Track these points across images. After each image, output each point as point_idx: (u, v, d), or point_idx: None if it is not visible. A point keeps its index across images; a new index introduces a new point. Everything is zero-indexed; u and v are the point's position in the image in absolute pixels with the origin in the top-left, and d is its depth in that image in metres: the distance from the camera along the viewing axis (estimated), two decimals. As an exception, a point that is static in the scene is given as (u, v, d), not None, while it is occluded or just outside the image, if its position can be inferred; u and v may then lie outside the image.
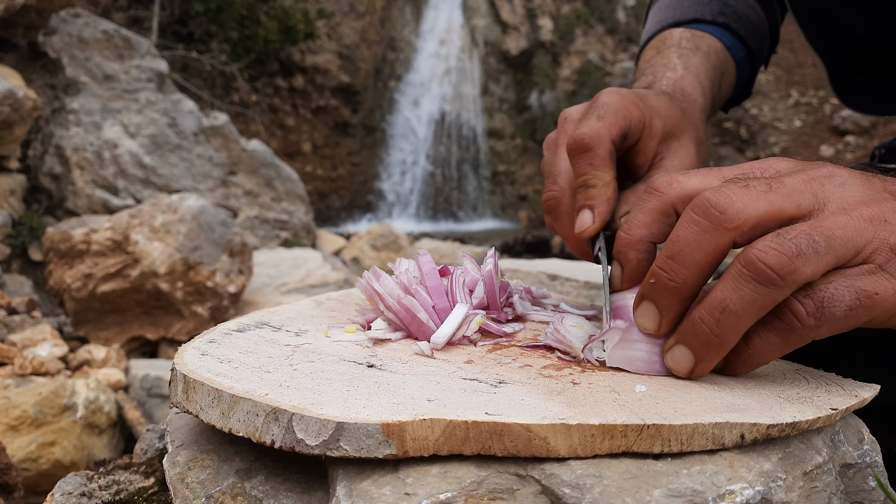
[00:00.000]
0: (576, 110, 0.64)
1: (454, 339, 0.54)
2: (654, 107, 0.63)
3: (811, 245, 0.42)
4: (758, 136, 9.67)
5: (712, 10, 0.85)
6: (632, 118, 0.60)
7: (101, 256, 3.21)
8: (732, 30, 0.85)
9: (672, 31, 0.83)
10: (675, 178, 0.48)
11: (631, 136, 0.61)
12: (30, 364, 2.71)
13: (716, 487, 0.38)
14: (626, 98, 0.61)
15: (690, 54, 0.78)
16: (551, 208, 0.62)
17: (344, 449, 0.39)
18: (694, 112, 0.69)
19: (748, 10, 0.88)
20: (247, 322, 0.58)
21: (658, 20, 0.88)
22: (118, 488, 0.55)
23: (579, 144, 0.57)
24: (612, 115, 0.59)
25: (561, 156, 0.62)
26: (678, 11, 0.86)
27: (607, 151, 0.57)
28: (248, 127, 8.75)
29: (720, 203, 0.44)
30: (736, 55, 0.85)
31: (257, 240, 5.33)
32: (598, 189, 0.57)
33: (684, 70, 0.75)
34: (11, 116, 4.34)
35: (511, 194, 10.86)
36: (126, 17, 7.91)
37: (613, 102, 0.60)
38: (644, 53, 0.85)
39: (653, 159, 0.64)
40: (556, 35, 10.93)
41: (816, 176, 0.45)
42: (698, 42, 0.80)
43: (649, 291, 0.47)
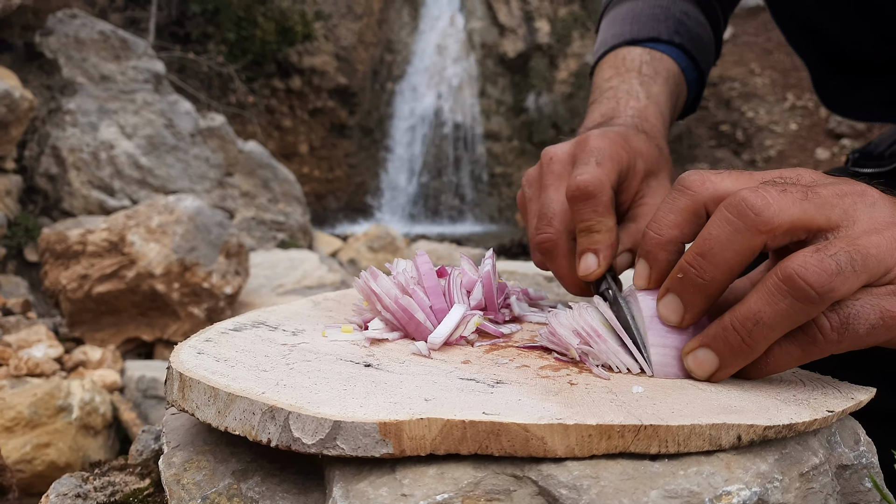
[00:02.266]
0: (562, 152, 0.65)
1: (451, 339, 0.54)
2: (636, 148, 0.66)
3: (850, 263, 0.42)
4: (754, 139, 9.70)
5: (668, 28, 0.86)
6: (622, 162, 0.62)
7: (97, 257, 3.20)
8: (686, 50, 0.86)
9: (631, 51, 0.84)
10: (708, 177, 0.48)
11: (621, 178, 0.63)
12: (25, 365, 2.70)
13: (712, 488, 0.38)
14: (615, 142, 0.63)
15: (651, 81, 0.80)
16: (547, 250, 0.62)
17: (341, 448, 0.39)
18: (665, 147, 0.72)
19: (699, 27, 0.90)
20: (243, 321, 0.58)
21: (614, 33, 0.88)
22: (113, 490, 0.55)
23: (583, 192, 0.58)
24: (608, 160, 0.61)
25: (552, 197, 0.63)
26: (635, 27, 0.87)
27: (609, 198, 0.59)
28: (245, 128, 8.74)
29: (756, 204, 0.44)
30: (689, 77, 0.87)
31: (254, 241, 5.32)
32: (603, 235, 0.59)
33: (647, 100, 0.77)
34: (7, 117, 4.32)
35: (508, 196, 10.86)
36: (123, 17, 7.90)
37: (606, 147, 0.62)
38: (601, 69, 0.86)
39: (634, 196, 0.66)
40: (553, 38, 10.95)
41: (849, 192, 0.46)
42: (658, 66, 0.82)
43: (676, 285, 0.47)
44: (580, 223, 0.59)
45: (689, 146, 9.79)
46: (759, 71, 10.05)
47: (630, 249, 0.62)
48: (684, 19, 0.88)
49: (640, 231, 0.62)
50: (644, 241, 0.50)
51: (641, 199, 0.66)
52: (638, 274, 0.51)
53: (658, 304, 0.49)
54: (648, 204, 0.65)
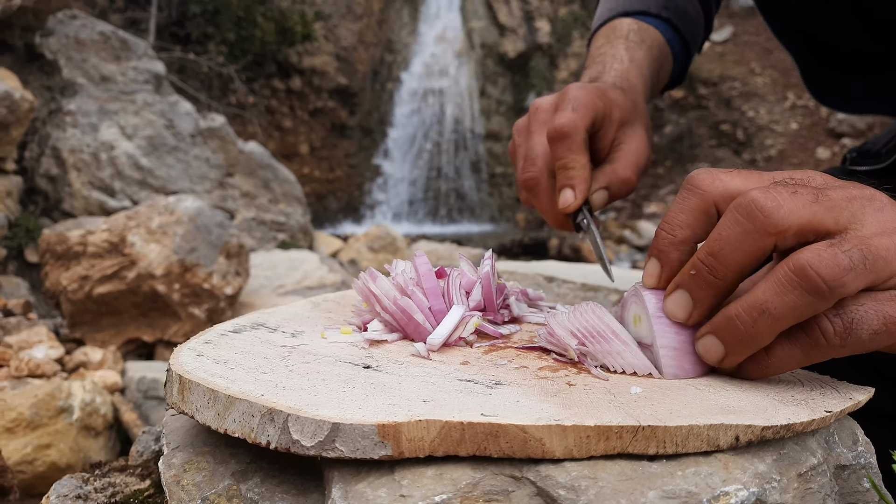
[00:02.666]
0: (546, 101, 0.74)
1: (450, 340, 0.55)
2: (612, 99, 0.73)
3: (863, 261, 0.42)
4: (754, 138, 9.70)
5: (657, 3, 0.93)
6: (598, 110, 0.70)
7: (98, 258, 3.20)
8: (673, 24, 0.93)
9: (621, 21, 0.91)
10: (717, 175, 0.49)
11: (596, 124, 0.71)
12: (26, 366, 2.70)
13: (710, 489, 0.38)
14: (592, 92, 0.71)
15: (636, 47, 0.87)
16: (531, 187, 0.72)
17: (339, 450, 0.39)
18: (641, 102, 0.79)
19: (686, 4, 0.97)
20: (243, 323, 0.58)
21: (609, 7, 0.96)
22: (114, 490, 0.55)
23: (559, 132, 0.67)
24: (583, 107, 0.68)
25: (536, 141, 0.72)
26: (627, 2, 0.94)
27: (582, 138, 0.67)
28: (246, 129, 8.75)
29: (767, 206, 0.44)
30: (674, 48, 0.93)
31: (254, 241, 5.32)
32: (577, 171, 0.67)
33: (630, 62, 0.84)
34: (8, 118, 4.33)
35: (508, 196, 10.86)
36: (123, 18, 7.91)
37: (582, 96, 0.69)
38: (595, 39, 0.93)
39: (611, 143, 0.74)
40: (553, 37, 10.95)
41: (858, 196, 0.46)
42: (644, 35, 0.89)
43: (687, 282, 0.48)
44: (557, 161, 0.67)
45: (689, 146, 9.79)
46: (760, 70, 10.05)
47: (606, 187, 0.70)
48: None
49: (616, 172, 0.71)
50: (656, 239, 0.51)
51: (618, 146, 0.73)
52: (648, 272, 0.51)
53: (667, 300, 0.49)
54: (624, 149, 0.73)
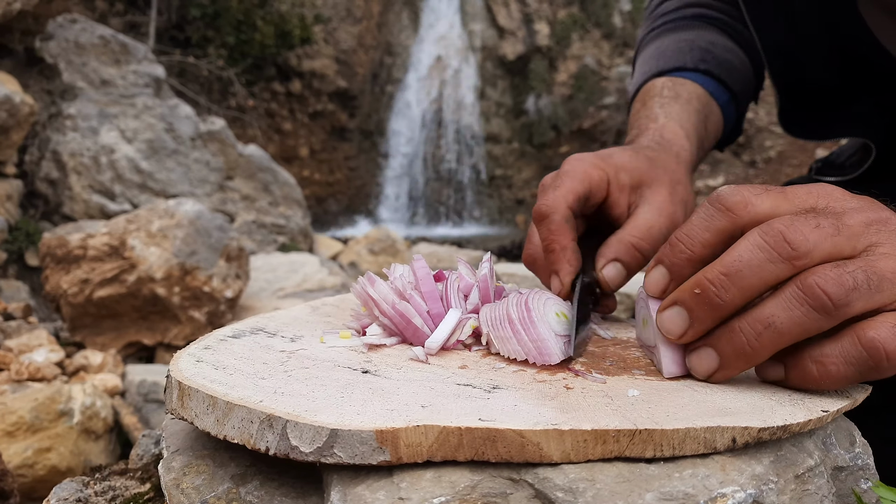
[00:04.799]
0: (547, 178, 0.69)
1: (448, 344, 0.55)
2: (617, 163, 0.68)
3: (867, 282, 0.44)
4: (754, 139, 9.71)
5: (693, 58, 0.89)
6: (591, 180, 0.65)
7: (98, 262, 3.20)
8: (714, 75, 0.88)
9: (655, 82, 0.87)
10: (749, 199, 0.48)
11: (595, 194, 0.66)
12: (26, 370, 2.70)
13: (708, 491, 0.38)
14: (587, 162, 0.66)
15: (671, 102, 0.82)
16: (530, 264, 0.69)
17: (338, 456, 0.39)
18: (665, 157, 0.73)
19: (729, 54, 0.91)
20: (242, 328, 0.59)
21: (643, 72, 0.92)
22: (114, 494, 0.55)
23: (537, 214, 0.63)
24: (569, 181, 0.64)
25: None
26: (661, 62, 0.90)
27: (562, 217, 0.62)
28: (245, 132, 8.75)
29: (795, 239, 0.45)
30: (719, 99, 0.88)
31: (254, 244, 5.32)
32: (557, 253, 0.62)
33: (665, 119, 0.79)
34: (8, 122, 4.33)
35: (508, 198, 10.87)
36: (123, 22, 7.92)
37: (573, 169, 0.65)
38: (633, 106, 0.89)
39: (627, 209, 0.68)
40: (552, 40, 10.96)
41: (875, 220, 0.47)
42: (679, 89, 0.84)
43: (688, 299, 0.47)
44: (542, 244, 0.64)
45: (688, 147, 9.78)
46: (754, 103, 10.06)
47: (616, 259, 0.64)
48: (710, 48, 0.90)
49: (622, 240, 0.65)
50: (671, 250, 0.49)
51: (635, 210, 0.67)
52: (653, 280, 0.50)
53: (662, 314, 0.48)
54: (636, 213, 0.67)
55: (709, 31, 0.93)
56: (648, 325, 0.52)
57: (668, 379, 0.49)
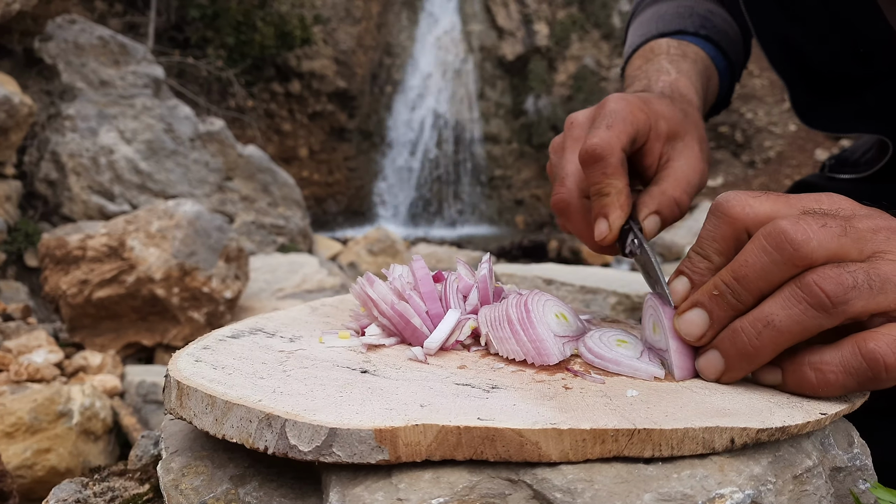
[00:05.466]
0: (582, 116, 0.66)
1: (447, 344, 0.55)
2: (657, 110, 0.66)
3: (867, 282, 0.44)
4: (753, 140, 9.71)
5: (694, 23, 0.88)
6: (638, 123, 0.62)
7: (97, 262, 3.20)
8: (714, 41, 0.88)
9: (658, 41, 0.86)
10: (747, 201, 0.49)
11: (638, 139, 0.63)
12: (25, 370, 2.70)
13: (706, 491, 0.38)
14: (632, 104, 0.63)
15: (680, 59, 0.81)
16: (561, 210, 0.64)
17: (337, 455, 0.39)
18: (693, 112, 0.72)
19: (725, 24, 0.92)
20: (241, 328, 0.59)
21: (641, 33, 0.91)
22: (113, 495, 0.55)
23: (591, 155, 0.59)
24: (620, 122, 0.61)
25: (568, 158, 0.65)
26: (661, 24, 0.89)
27: (618, 160, 0.59)
28: (245, 132, 8.75)
29: (796, 238, 0.45)
30: (718, 65, 0.88)
31: (254, 245, 5.32)
32: (612, 197, 0.59)
33: (677, 73, 0.78)
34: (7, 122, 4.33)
35: (508, 199, 10.87)
36: (122, 22, 7.91)
37: (620, 109, 0.62)
38: (631, 63, 0.87)
39: (659, 159, 0.66)
40: (551, 40, 10.96)
41: (884, 227, 0.47)
42: (685, 49, 0.84)
43: (708, 301, 0.48)
44: (592, 186, 0.60)
45: (688, 147, 9.78)
46: (758, 72, 10.06)
47: (656, 211, 0.62)
48: (709, 16, 0.90)
49: (665, 193, 0.63)
50: (690, 262, 0.51)
51: (667, 162, 0.66)
52: (676, 290, 0.51)
53: (682, 317, 0.49)
54: (674, 166, 0.65)
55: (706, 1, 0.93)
56: (659, 329, 0.52)
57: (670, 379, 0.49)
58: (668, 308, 0.52)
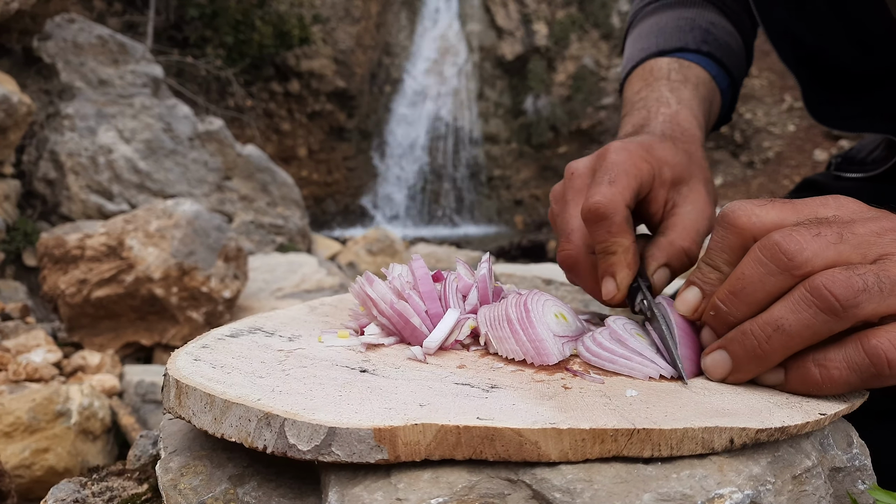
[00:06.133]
0: (582, 166, 0.64)
1: (447, 343, 0.55)
2: (661, 157, 0.64)
3: (877, 284, 0.44)
4: (752, 140, 9.72)
5: (695, 38, 0.85)
6: (642, 176, 0.61)
7: (96, 262, 3.20)
8: (716, 58, 0.85)
9: (658, 61, 0.83)
10: (753, 211, 0.49)
11: (642, 192, 0.62)
12: (23, 370, 2.69)
13: (705, 491, 0.38)
14: (634, 154, 0.62)
15: (681, 87, 0.78)
16: (569, 267, 0.63)
17: (336, 454, 0.39)
18: (697, 151, 0.70)
19: (727, 36, 0.89)
20: (240, 327, 0.58)
21: (641, 48, 0.88)
22: (111, 495, 0.55)
23: (595, 213, 0.57)
24: (623, 176, 0.59)
25: (571, 213, 0.63)
26: (661, 39, 0.86)
27: (623, 217, 0.58)
28: (244, 132, 8.75)
29: (789, 249, 0.45)
30: (720, 84, 0.85)
31: (252, 245, 5.32)
32: (618, 256, 0.58)
33: (678, 105, 0.76)
34: (6, 122, 4.33)
35: (507, 199, 10.87)
36: (121, 22, 7.91)
37: (622, 161, 0.60)
38: (630, 84, 0.85)
39: (664, 206, 0.64)
40: (550, 40, 10.97)
41: (889, 229, 0.47)
42: (687, 73, 0.81)
43: (710, 321, 0.50)
44: (597, 245, 0.59)
45: (687, 148, 9.79)
46: (757, 73, 10.07)
47: (666, 264, 0.61)
48: (711, 28, 0.87)
49: (673, 244, 0.61)
50: (702, 274, 0.51)
51: (673, 210, 0.64)
52: (686, 300, 0.51)
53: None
54: (680, 213, 0.63)
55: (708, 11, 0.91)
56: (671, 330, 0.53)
57: (669, 380, 0.49)
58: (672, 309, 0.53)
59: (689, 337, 0.51)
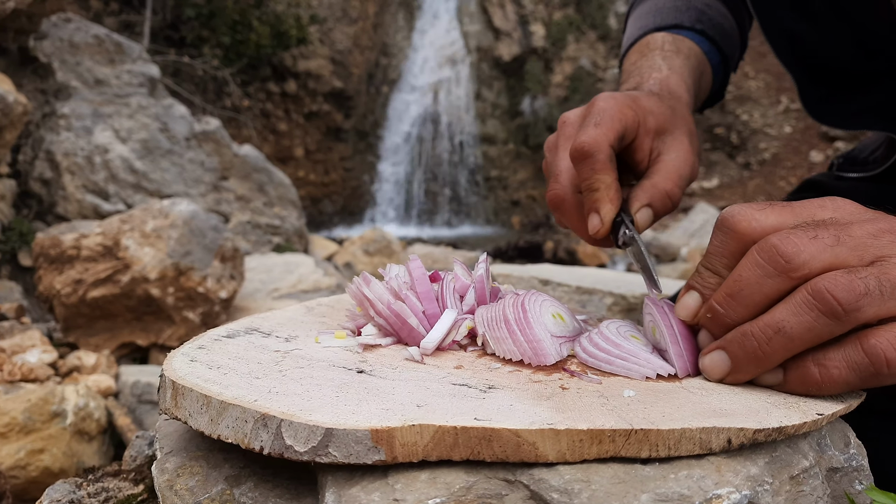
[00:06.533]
0: (573, 114, 0.69)
1: (444, 344, 0.55)
2: (645, 107, 0.68)
3: (879, 288, 0.44)
4: (748, 141, 9.74)
5: (690, 17, 0.90)
6: (626, 120, 0.65)
7: (92, 262, 3.19)
8: (709, 36, 0.89)
9: (654, 36, 0.88)
10: (753, 216, 0.49)
11: (627, 136, 0.66)
12: (19, 370, 2.68)
13: (703, 492, 0.38)
14: (620, 101, 0.66)
15: (673, 56, 0.83)
16: (556, 205, 0.67)
17: (333, 455, 0.39)
18: (682, 108, 0.74)
19: (721, 18, 0.93)
20: (236, 328, 0.58)
21: (639, 26, 0.93)
22: (107, 495, 0.55)
23: (580, 152, 0.62)
24: (608, 120, 0.63)
25: (561, 156, 0.68)
26: (658, 18, 0.91)
27: (606, 156, 0.62)
28: (240, 132, 8.74)
29: (787, 252, 0.45)
30: (712, 60, 0.90)
31: (249, 245, 5.31)
32: (602, 192, 0.62)
33: (669, 70, 0.80)
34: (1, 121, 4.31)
35: (504, 199, 10.88)
36: (117, 21, 7.89)
37: (609, 108, 0.65)
38: (628, 57, 0.89)
39: (650, 154, 0.68)
40: (548, 41, 10.98)
41: (887, 230, 0.47)
42: (679, 45, 0.86)
43: (705, 323, 0.50)
44: (582, 182, 0.63)
45: (683, 149, 9.81)
46: (753, 74, 10.10)
47: (648, 204, 0.64)
48: (706, 10, 0.92)
49: (656, 186, 0.65)
50: (700, 277, 0.51)
51: (658, 157, 0.68)
52: (686, 305, 0.52)
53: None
54: (664, 160, 0.67)
55: None
56: (658, 330, 0.53)
57: (666, 380, 0.49)
58: (667, 309, 0.53)
59: (687, 339, 0.51)
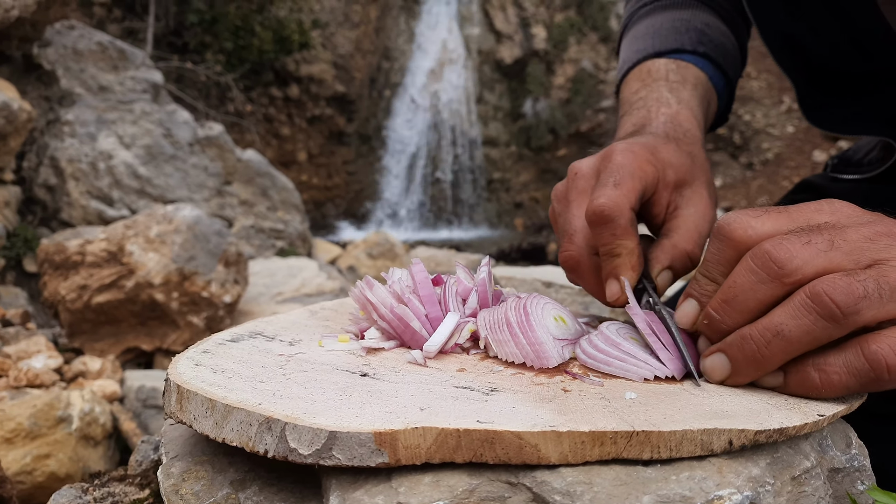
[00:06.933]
0: (586, 166, 0.64)
1: (446, 347, 0.55)
2: (665, 159, 0.64)
3: (878, 291, 0.44)
4: (751, 141, 9.72)
5: (691, 39, 0.85)
6: (647, 178, 0.61)
7: (96, 267, 3.20)
8: (712, 59, 0.85)
9: (655, 62, 0.83)
10: (749, 223, 0.49)
11: (646, 194, 0.62)
12: (24, 376, 2.69)
13: (704, 493, 0.38)
14: (640, 156, 0.61)
15: (680, 87, 0.79)
16: (571, 267, 0.62)
17: (336, 458, 0.39)
18: (699, 153, 0.70)
19: (722, 37, 0.89)
20: (241, 332, 0.59)
21: (637, 49, 0.87)
22: (113, 500, 0.55)
23: (600, 216, 0.57)
24: (628, 178, 0.59)
25: (574, 213, 0.63)
26: (657, 41, 0.86)
27: (628, 220, 0.58)
28: (244, 137, 8.76)
29: (780, 258, 0.45)
30: (717, 85, 0.86)
31: (253, 249, 5.32)
32: (623, 258, 0.58)
33: (678, 105, 0.76)
34: (6, 128, 4.33)
35: (506, 202, 10.88)
36: (121, 28, 7.93)
37: (628, 164, 0.60)
38: (627, 84, 0.85)
39: (667, 208, 0.64)
40: (549, 43, 10.99)
41: (883, 233, 0.47)
42: (685, 73, 0.81)
43: (704, 330, 0.50)
44: (601, 247, 0.59)
45: (686, 150, 9.80)
46: (756, 74, 10.08)
47: (669, 267, 0.61)
48: (706, 30, 0.88)
49: (677, 246, 0.62)
50: (698, 285, 0.51)
51: (675, 212, 0.64)
52: (686, 313, 0.52)
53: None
54: (682, 216, 0.64)
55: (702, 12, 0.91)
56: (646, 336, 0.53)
57: (667, 382, 0.49)
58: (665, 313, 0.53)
59: (687, 345, 0.52)
